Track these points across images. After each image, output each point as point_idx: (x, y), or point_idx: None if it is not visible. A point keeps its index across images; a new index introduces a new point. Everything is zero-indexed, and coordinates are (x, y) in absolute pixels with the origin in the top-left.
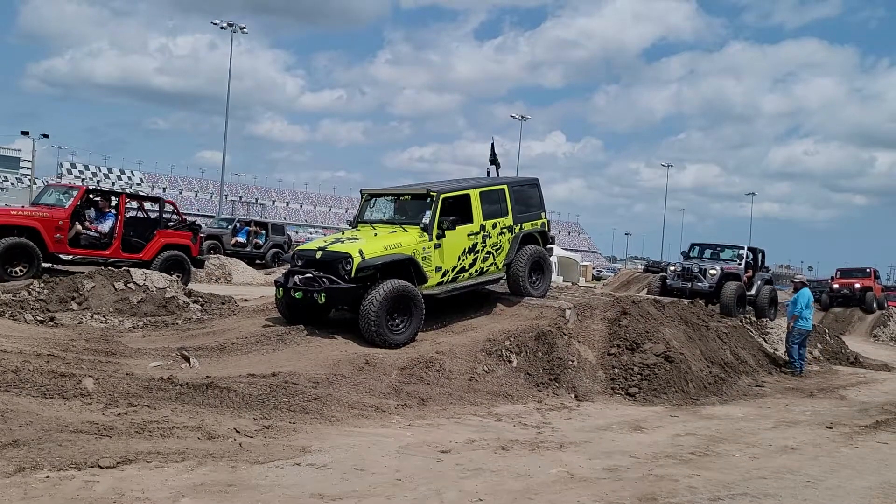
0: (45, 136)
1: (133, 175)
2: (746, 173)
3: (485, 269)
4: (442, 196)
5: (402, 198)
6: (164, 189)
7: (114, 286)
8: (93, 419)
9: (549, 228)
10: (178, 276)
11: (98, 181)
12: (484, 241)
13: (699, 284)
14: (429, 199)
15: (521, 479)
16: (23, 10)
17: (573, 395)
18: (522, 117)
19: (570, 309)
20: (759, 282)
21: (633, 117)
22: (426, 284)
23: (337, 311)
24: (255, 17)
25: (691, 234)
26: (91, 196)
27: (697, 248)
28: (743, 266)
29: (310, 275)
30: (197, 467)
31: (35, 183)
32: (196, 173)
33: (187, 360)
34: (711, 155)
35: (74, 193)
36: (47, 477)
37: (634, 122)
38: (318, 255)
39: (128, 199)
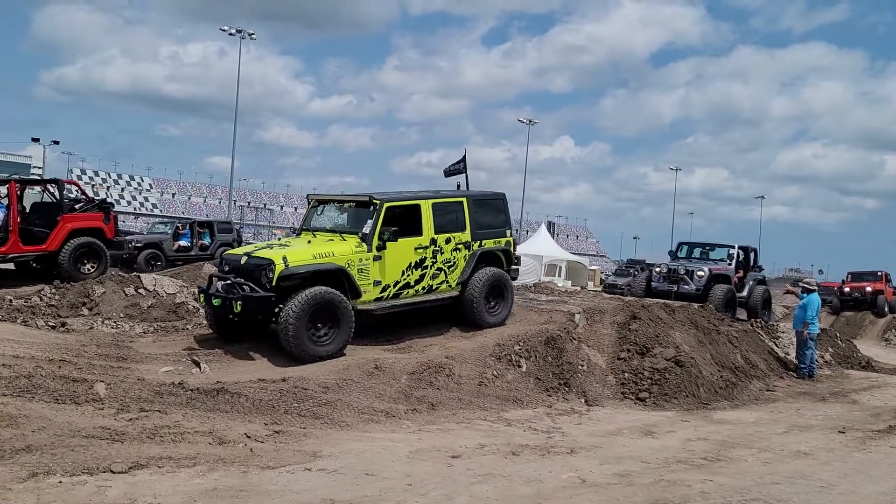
0: (56, 142)
1: (142, 181)
2: (755, 177)
3: (434, 287)
4: (386, 205)
5: (346, 205)
6: (174, 195)
7: (124, 291)
8: (105, 424)
9: (514, 247)
10: (93, 267)
11: (108, 187)
12: (434, 257)
13: (685, 287)
14: (372, 208)
15: (531, 484)
16: (36, 18)
17: (583, 400)
18: (530, 121)
19: (579, 313)
20: (751, 282)
21: (641, 121)
22: (362, 299)
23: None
24: (264, 25)
25: (700, 237)
26: None
27: (686, 247)
28: (733, 266)
29: (229, 281)
30: (208, 472)
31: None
32: (205, 179)
33: (198, 365)
34: (720, 158)
35: None
36: (60, 482)
37: (642, 127)
38: (243, 260)
39: (18, 186)
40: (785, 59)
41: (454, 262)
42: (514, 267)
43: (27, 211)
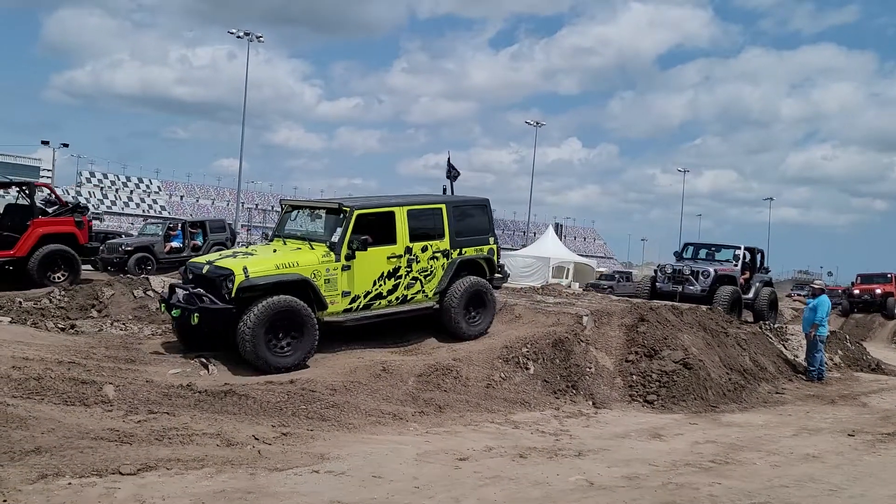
0: (65, 145)
1: (151, 183)
2: (764, 178)
3: (409, 298)
4: (357, 212)
5: (317, 212)
6: (182, 197)
7: (133, 294)
8: (113, 426)
9: (498, 256)
10: (64, 275)
11: (116, 189)
12: (409, 266)
13: (690, 288)
14: (342, 215)
15: (539, 486)
16: (47, 22)
17: (591, 403)
18: (537, 123)
19: (587, 315)
20: (757, 284)
21: (649, 123)
22: (330, 310)
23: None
24: (274, 29)
25: (708, 239)
26: None
27: (691, 248)
28: (739, 267)
29: (188, 291)
30: (216, 474)
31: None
32: (213, 181)
33: (206, 366)
34: (728, 160)
35: None
36: (69, 484)
37: (650, 128)
38: (205, 269)
39: None
40: (794, 61)
41: (431, 272)
42: (497, 276)
43: (1, 213)
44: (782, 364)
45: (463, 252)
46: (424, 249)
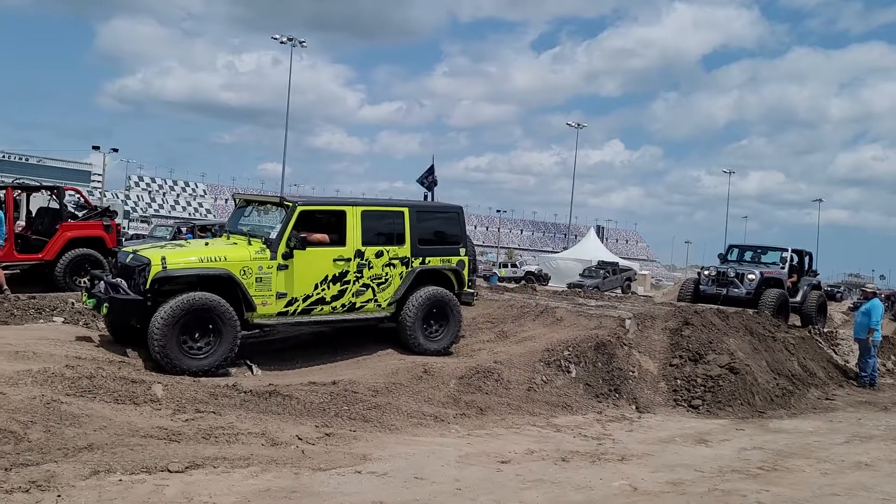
0: (115, 150)
1: (197, 187)
2: (812, 180)
3: (358, 306)
4: (300, 209)
5: (264, 207)
6: (227, 200)
7: None
8: (162, 424)
9: (469, 268)
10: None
11: (163, 193)
12: (360, 271)
13: (735, 290)
14: (284, 210)
15: (582, 491)
16: (101, 31)
17: (634, 407)
18: (578, 125)
19: (630, 319)
20: (804, 287)
21: (693, 124)
22: (262, 311)
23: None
24: (317, 35)
25: (755, 241)
26: None
27: (736, 250)
28: (786, 270)
29: (106, 281)
30: (261, 473)
31: (105, 196)
32: (257, 185)
33: (250, 368)
34: (775, 161)
35: None
36: (120, 480)
37: (694, 130)
38: (127, 259)
39: (16, 192)
40: (843, 60)
41: (386, 280)
42: (467, 290)
43: (33, 216)
44: (832, 369)
45: (426, 261)
46: (379, 255)
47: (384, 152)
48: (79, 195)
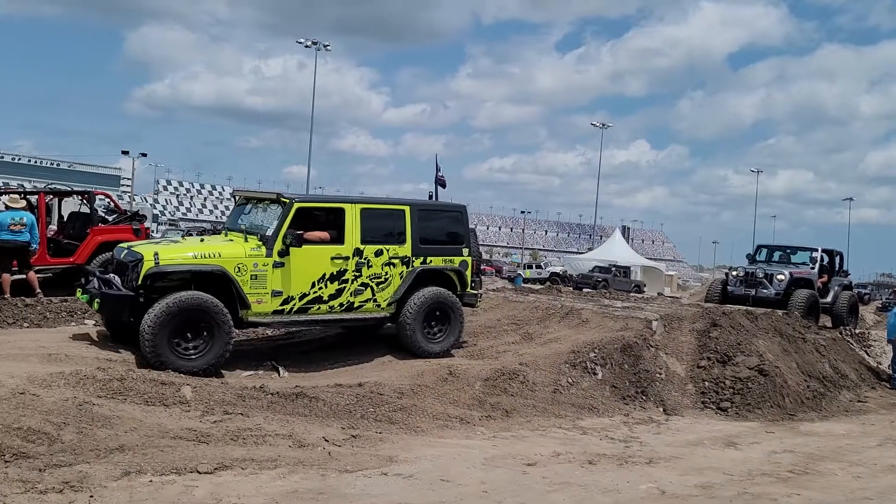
0: (144, 154)
1: (223, 190)
2: (842, 178)
3: (356, 305)
4: (297, 205)
5: (262, 204)
6: None
7: None
8: (191, 426)
9: (473, 269)
10: None
11: (191, 196)
12: (358, 270)
13: (764, 291)
14: (281, 207)
15: (609, 494)
16: (130, 37)
17: (661, 409)
18: (603, 125)
19: (656, 320)
20: (835, 287)
21: (720, 123)
22: (255, 310)
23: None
24: (342, 39)
25: (783, 241)
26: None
27: (765, 250)
28: (816, 270)
29: (99, 276)
30: (289, 475)
31: (134, 200)
32: (282, 188)
33: (277, 369)
34: (804, 160)
35: None
36: (150, 481)
37: (721, 129)
38: (122, 255)
39: (48, 197)
40: (874, 57)
41: (386, 279)
42: (470, 292)
43: (65, 221)
44: (864, 371)
45: (428, 261)
46: (379, 254)
47: (408, 154)
48: (109, 199)
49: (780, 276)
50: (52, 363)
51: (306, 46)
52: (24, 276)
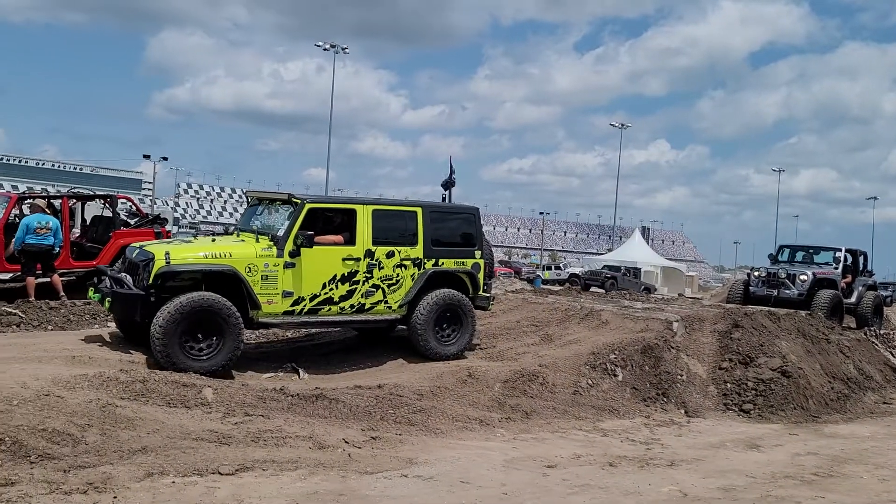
0: (165, 158)
1: (243, 193)
2: (866, 177)
3: (367, 307)
4: (308, 206)
5: (274, 204)
6: None
7: None
8: (212, 427)
9: (485, 271)
10: None
11: (211, 200)
12: (369, 272)
13: (786, 292)
14: (292, 208)
15: (630, 496)
16: (151, 43)
17: (683, 411)
18: (622, 125)
19: (677, 321)
20: (859, 287)
21: (741, 123)
22: (266, 311)
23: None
24: (360, 42)
25: (806, 241)
26: (28, 204)
27: (788, 250)
28: (840, 270)
29: (110, 276)
30: (309, 476)
31: (155, 203)
32: (302, 190)
33: (297, 371)
34: (826, 159)
35: (6, 204)
36: (173, 482)
37: (742, 128)
38: (134, 254)
39: (71, 201)
40: None
41: (397, 281)
42: (483, 294)
43: (88, 224)
44: (890, 373)
45: (440, 263)
46: (390, 255)
47: (427, 156)
48: (131, 203)
49: (802, 277)
50: (76, 365)
51: (325, 50)
52: (48, 280)
